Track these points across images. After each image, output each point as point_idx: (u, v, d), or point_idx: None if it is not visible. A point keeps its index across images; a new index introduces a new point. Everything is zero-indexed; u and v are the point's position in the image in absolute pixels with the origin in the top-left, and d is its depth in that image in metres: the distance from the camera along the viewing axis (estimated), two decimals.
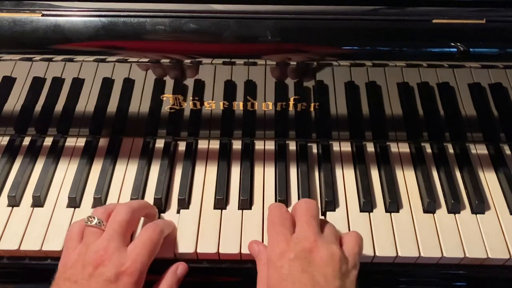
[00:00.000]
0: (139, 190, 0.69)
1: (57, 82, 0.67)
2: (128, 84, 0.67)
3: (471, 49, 0.58)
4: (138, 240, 0.58)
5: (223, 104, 0.70)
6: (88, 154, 0.73)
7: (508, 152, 0.75)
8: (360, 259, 0.63)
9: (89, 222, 0.58)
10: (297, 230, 0.58)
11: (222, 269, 0.65)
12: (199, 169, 0.73)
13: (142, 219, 0.65)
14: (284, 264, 0.54)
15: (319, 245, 0.55)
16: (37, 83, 0.67)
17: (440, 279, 0.66)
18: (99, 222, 0.58)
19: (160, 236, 0.60)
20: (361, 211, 0.68)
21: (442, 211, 0.68)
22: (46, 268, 0.64)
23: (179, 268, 0.62)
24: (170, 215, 0.67)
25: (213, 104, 0.70)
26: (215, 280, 0.66)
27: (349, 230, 0.66)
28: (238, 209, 0.68)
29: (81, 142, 0.75)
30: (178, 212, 0.67)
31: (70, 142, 0.76)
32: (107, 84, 0.67)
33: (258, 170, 0.72)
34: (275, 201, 0.69)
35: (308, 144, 0.75)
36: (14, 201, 0.68)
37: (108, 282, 0.53)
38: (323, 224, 0.60)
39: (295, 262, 0.54)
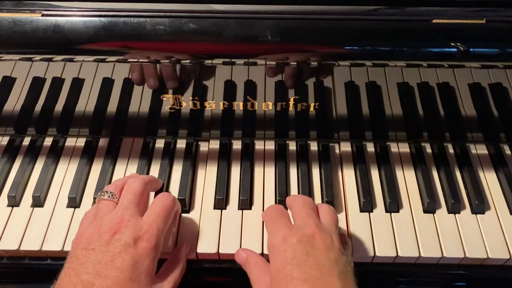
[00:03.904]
0: None
1: (57, 82, 0.67)
2: (128, 84, 0.67)
3: (471, 49, 0.58)
4: (152, 208, 0.58)
5: (223, 104, 0.70)
6: (88, 154, 0.73)
7: (508, 152, 0.75)
8: (360, 259, 0.63)
9: (101, 196, 0.58)
10: (297, 220, 0.57)
11: (222, 269, 0.65)
12: (199, 169, 0.73)
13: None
14: (287, 248, 0.53)
15: (321, 231, 0.55)
16: (37, 83, 0.67)
17: (440, 279, 0.67)
18: (111, 195, 0.58)
19: (173, 204, 0.59)
20: (361, 211, 0.68)
21: (442, 211, 0.68)
22: (46, 268, 0.64)
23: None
24: None
25: (213, 104, 0.70)
26: (214, 280, 0.66)
27: (348, 230, 0.66)
28: (238, 209, 0.68)
29: (81, 142, 0.75)
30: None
31: (70, 142, 0.76)
32: (107, 84, 0.67)
33: (258, 170, 0.72)
34: (275, 201, 0.69)
35: (308, 144, 0.75)
36: (14, 201, 0.68)
37: (127, 246, 0.53)
38: (322, 214, 0.59)
39: (299, 246, 0.53)
